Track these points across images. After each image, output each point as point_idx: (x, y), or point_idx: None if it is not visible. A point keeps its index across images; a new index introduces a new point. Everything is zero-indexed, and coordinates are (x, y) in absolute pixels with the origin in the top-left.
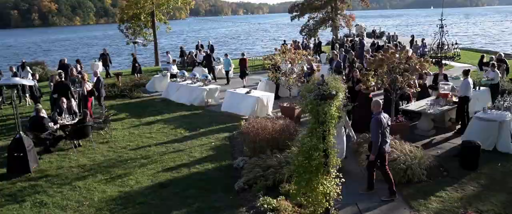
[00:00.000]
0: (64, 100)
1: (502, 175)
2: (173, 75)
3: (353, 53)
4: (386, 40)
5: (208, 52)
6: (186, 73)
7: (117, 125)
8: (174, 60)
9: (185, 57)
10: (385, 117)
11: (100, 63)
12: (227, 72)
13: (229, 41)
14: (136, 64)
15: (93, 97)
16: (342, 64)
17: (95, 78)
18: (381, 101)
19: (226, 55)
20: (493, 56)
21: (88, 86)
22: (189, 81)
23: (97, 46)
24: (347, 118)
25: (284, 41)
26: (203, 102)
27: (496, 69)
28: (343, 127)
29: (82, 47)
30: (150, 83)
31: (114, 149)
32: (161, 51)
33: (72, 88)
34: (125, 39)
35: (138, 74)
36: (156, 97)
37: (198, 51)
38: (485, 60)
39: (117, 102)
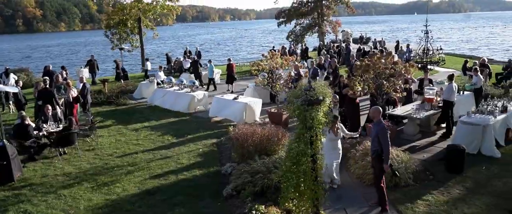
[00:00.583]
0: (49, 107)
1: (486, 178)
2: (159, 82)
3: (336, 59)
4: (372, 46)
5: (195, 58)
6: (173, 80)
7: (103, 132)
8: (160, 67)
9: (172, 64)
10: None
11: (86, 70)
12: (211, 79)
13: (214, 47)
14: (118, 71)
15: (78, 104)
16: (318, 70)
17: (81, 84)
18: (380, 108)
19: (209, 61)
20: (477, 61)
21: (74, 93)
22: (176, 88)
23: (81, 53)
24: (345, 129)
25: (273, 47)
26: (191, 109)
27: (479, 74)
28: (338, 142)
29: (67, 54)
30: (137, 90)
31: (100, 156)
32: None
33: (58, 95)
34: (111, 45)
35: (122, 81)
36: (142, 104)
37: (185, 57)
38: (468, 65)
39: (103, 109)
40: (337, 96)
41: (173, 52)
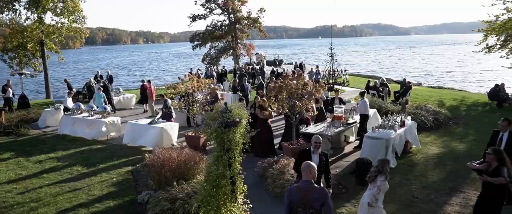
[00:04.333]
0: None
1: (390, 187)
2: (66, 109)
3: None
4: (285, 68)
5: (106, 82)
6: (82, 106)
7: (0, 166)
8: (70, 92)
9: (73, 90)
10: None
11: None
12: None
13: (119, 73)
14: None
15: None
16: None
17: None
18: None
19: (99, 89)
20: (377, 81)
21: None
22: (86, 114)
23: None
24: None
25: (191, 69)
26: (103, 136)
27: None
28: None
29: None
30: (41, 118)
31: None
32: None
33: None
34: (9, 70)
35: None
36: (48, 133)
37: (96, 82)
38: (371, 84)
39: (0, 141)
40: (320, 138)
41: (75, 77)
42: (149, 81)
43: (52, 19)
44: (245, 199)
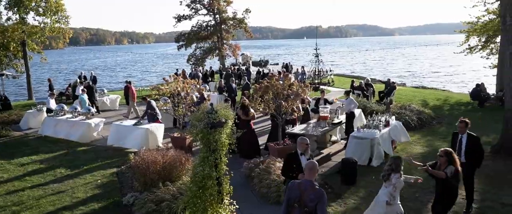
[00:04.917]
0: None
1: (376, 187)
2: (49, 110)
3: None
4: (271, 69)
5: (90, 83)
6: (66, 107)
7: None
8: (52, 94)
9: (54, 90)
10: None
11: None
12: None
13: (102, 73)
14: None
15: None
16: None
17: None
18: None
19: (82, 90)
20: (362, 81)
21: None
22: (70, 115)
23: None
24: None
25: (177, 69)
26: (87, 138)
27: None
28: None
29: None
30: (23, 119)
31: None
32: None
33: None
34: None
35: None
36: (30, 135)
37: (80, 83)
38: (355, 84)
39: None
40: (307, 139)
41: (57, 78)
42: (130, 82)
43: (35, 20)
44: (232, 200)
